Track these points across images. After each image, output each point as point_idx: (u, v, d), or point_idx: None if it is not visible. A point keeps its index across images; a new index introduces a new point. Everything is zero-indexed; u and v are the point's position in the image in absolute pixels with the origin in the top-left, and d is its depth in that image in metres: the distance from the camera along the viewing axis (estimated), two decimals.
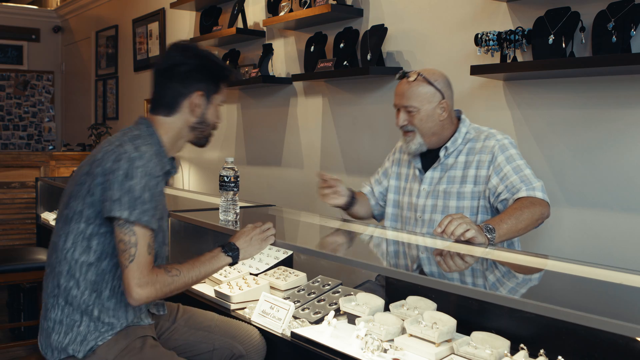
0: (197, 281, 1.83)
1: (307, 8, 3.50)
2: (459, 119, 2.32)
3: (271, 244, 2.00)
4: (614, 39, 2.19)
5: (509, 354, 1.50)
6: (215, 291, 2.28)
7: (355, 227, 2.36)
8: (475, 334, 1.60)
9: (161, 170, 1.75)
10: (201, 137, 1.93)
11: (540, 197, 2.06)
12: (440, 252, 1.90)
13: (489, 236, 1.90)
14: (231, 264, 1.90)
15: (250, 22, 4.24)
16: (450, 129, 2.29)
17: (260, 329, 1.97)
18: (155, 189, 1.70)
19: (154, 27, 5.61)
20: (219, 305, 2.21)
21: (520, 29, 2.51)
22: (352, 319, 1.87)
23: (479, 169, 2.20)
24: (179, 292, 1.79)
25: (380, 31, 3.16)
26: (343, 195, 2.36)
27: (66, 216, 1.75)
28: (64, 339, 1.71)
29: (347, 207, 2.42)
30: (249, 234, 1.94)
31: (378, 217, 2.57)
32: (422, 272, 1.77)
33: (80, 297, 1.72)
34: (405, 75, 2.26)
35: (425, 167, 2.35)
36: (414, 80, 2.23)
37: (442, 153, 2.27)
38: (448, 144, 2.27)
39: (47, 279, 1.79)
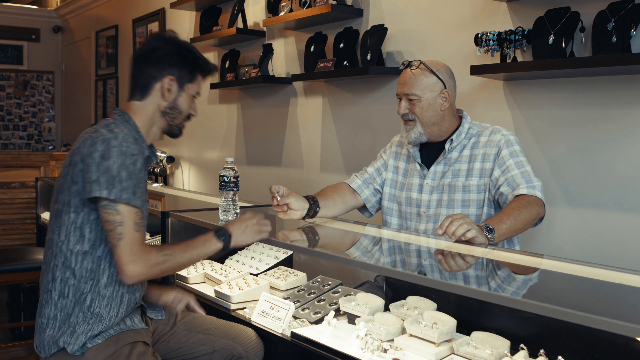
0: (190, 264, 1.86)
1: (307, 8, 3.50)
2: (460, 117, 2.34)
3: (271, 245, 2.00)
4: (614, 39, 2.19)
5: (509, 354, 1.50)
6: (215, 291, 2.28)
7: (356, 227, 2.36)
8: (475, 334, 1.60)
9: (139, 150, 1.76)
10: (173, 124, 1.94)
11: (539, 196, 2.07)
12: (441, 252, 1.90)
13: (488, 236, 1.90)
14: (223, 249, 1.91)
15: (250, 22, 4.24)
16: (451, 121, 2.31)
17: (260, 329, 1.97)
18: (133, 167, 1.71)
19: (154, 27, 5.61)
20: (219, 305, 2.21)
21: (520, 29, 2.51)
22: (352, 319, 1.87)
23: (484, 162, 2.22)
24: (171, 273, 1.82)
25: (380, 31, 3.16)
26: (297, 210, 2.26)
27: (56, 210, 1.77)
28: (57, 332, 1.72)
29: (309, 217, 2.33)
30: (244, 222, 1.96)
31: (372, 210, 2.53)
32: (422, 272, 1.77)
33: (76, 286, 1.73)
34: (409, 64, 2.28)
35: (426, 163, 2.35)
36: (417, 69, 2.25)
37: (447, 145, 2.29)
38: (453, 137, 2.29)
39: (42, 277, 1.80)
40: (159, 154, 5.06)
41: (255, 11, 4.26)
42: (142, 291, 1.89)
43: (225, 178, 2.29)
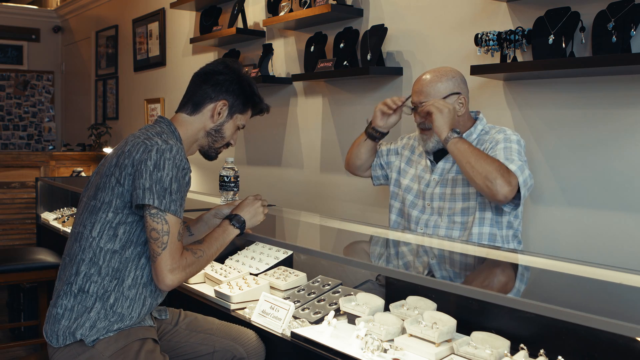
0: (215, 257, 1.92)
1: (307, 8, 3.50)
2: (475, 120, 2.37)
3: (271, 245, 2.01)
4: (614, 39, 2.19)
5: (509, 354, 1.50)
6: (215, 291, 2.28)
7: (356, 227, 2.36)
8: (475, 334, 1.60)
9: (189, 165, 1.81)
10: (212, 147, 2.01)
11: (512, 169, 2.05)
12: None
13: (448, 134, 2.08)
14: (239, 235, 1.99)
15: (250, 22, 4.24)
16: (465, 125, 2.34)
17: (260, 329, 1.97)
18: (183, 180, 1.76)
19: (154, 27, 5.61)
20: (219, 305, 2.21)
21: (520, 29, 2.51)
22: (352, 319, 1.87)
23: None
24: (202, 270, 1.90)
25: (380, 31, 3.16)
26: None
27: (93, 207, 1.79)
28: (73, 324, 1.73)
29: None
30: (251, 205, 2.02)
31: (374, 180, 2.63)
32: (422, 272, 1.77)
33: (100, 283, 1.75)
34: (414, 109, 2.31)
35: (437, 158, 2.39)
36: (431, 77, 2.27)
37: None
38: (463, 136, 2.29)
39: (64, 268, 1.82)
40: None
41: (255, 11, 4.26)
42: (163, 297, 1.91)
43: (225, 178, 2.29)
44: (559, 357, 1.38)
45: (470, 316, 1.73)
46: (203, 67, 2.01)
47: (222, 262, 2.61)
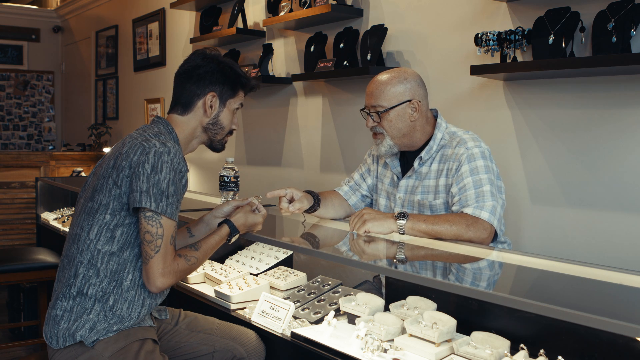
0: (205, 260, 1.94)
1: (307, 8, 3.50)
2: (436, 118, 2.25)
3: (271, 245, 2.01)
4: (614, 39, 2.19)
5: (509, 354, 1.50)
6: (215, 291, 2.28)
7: None
8: (475, 334, 1.60)
9: (186, 168, 1.81)
10: (215, 140, 2.00)
11: (484, 218, 2.00)
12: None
13: (398, 222, 1.98)
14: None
15: (250, 22, 4.25)
16: (424, 130, 2.22)
17: (260, 329, 1.97)
18: (179, 183, 1.77)
19: (154, 27, 5.61)
20: (219, 305, 2.21)
21: (520, 29, 2.51)
22: (352, 319, 1.87)
23: (448, 177, 2.15)
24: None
25: (380, 31, 3.16)
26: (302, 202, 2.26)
27: (90, 208, 1.79)
28: (73, 325, 1.73)
29: (309, 211, 2.35)
30: (246, 215, 2.03)
31: None
32: (422, 272, 1.77)
33: (98, 285, 1.75)
34: (369, 113, 2.21)
35: (404, 172, 2.31)
36: (383, 80, 2.18)
37: (416, 163, 2.22)
38: (422, 154, 2.20)
39: (63, 270, 1.82)
40: None
41: (255, 11, 4.26)
42: (163, 298, 1.91)
43: (226, 178, 2.29)
44: (559, 357, 1.38)
45: (470, 316, 1.73)
46: (182, 64, 1.97)
47: (222, 262, 2.61)
